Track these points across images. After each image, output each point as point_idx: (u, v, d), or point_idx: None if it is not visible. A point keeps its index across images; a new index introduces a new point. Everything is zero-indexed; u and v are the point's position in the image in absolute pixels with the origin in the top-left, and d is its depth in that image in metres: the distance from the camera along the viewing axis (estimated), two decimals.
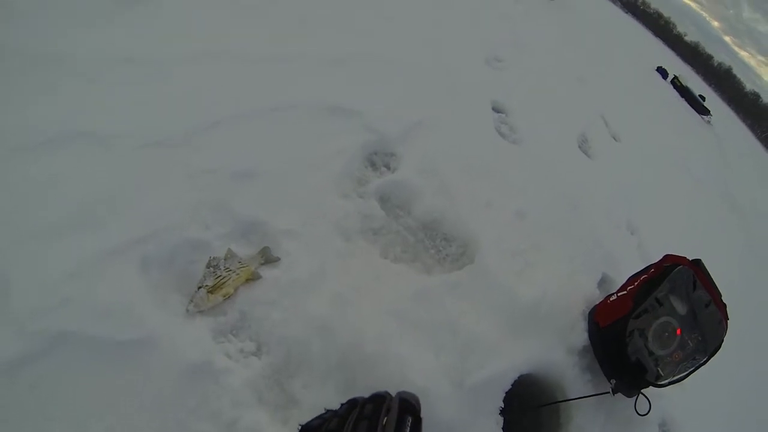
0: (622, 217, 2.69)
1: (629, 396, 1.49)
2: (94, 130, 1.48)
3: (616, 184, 3.00)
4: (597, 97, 4.54)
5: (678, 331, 1.42)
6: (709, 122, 9.79)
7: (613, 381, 1.47)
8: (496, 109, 2.79)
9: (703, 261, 1.54)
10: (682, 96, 9.83)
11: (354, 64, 2.39)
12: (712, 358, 1.45)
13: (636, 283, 1.53)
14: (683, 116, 7.77)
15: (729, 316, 1.47)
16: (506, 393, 1.38)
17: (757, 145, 25.33)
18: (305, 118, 1.90)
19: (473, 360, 1.32)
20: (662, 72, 10.49)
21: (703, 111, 9.75)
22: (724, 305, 1.48)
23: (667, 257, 1.54)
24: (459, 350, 1.33)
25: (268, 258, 1.34)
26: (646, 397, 1.49)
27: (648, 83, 8.02)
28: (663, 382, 1.43)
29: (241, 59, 2.09)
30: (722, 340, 1.45)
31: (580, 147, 3.16)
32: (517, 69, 3.60)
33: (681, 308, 1.45)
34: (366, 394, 0.66)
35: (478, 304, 1.47)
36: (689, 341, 1.44)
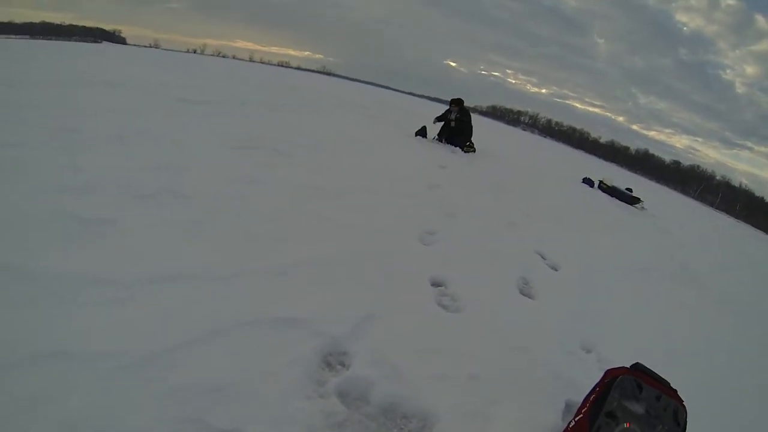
0: (575, 341, 2.92)
1: None
2: (72, 350, 1.74)
3: (562, 313, 3.27)
4: (529, 235, 4.95)
5: (627, 424, 1.57)
6: (642, 208, 10.39)
7: None
8: (435, 284, 3.15)
9: (645, 363, 1.87)
10: (612, 195, 10.67)
11: (297, 272, 2.75)
12: None
13: (587, 405, 1.71)
14: (616, 215, 8.33)
15: (683, 399, 1.70)
16: None
17: (693, 203, 27.12)
18: (261, 332, 2.16)
19: None
20: (588, 182, 11.64)
21: (633, 201, 10.42)
22: (674, 390, 1.72)
23: (607, 373, 1.77)
24: None
25: None
26: None
27: (577, 198, 8.80)
28: None
29: (195, 280, 2.41)
30: (685, 420, 1.62)
31: (521, 292, 3.49)
32: (448, 237, 4.06)
33: (637, 409, 1.61)
34: None
35: None
36: None
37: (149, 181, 3.55)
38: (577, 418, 1.72)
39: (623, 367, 1.77)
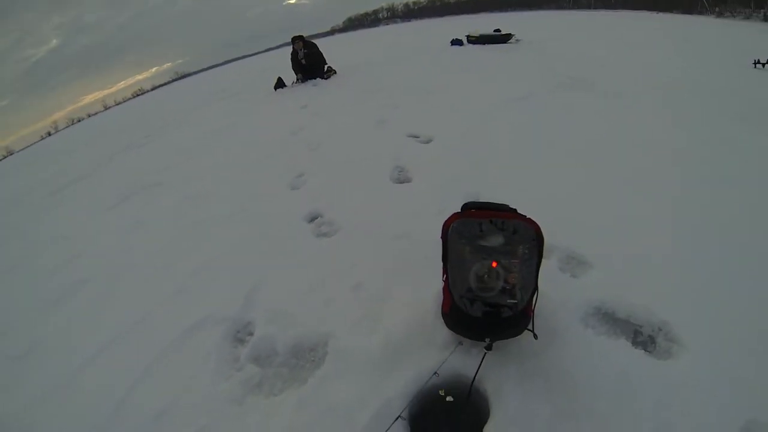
0: (457, 201, 3.06)
1: (511, 336, 1.76)
2: None
3: (441, 182, 3.50)
4: (400, 124, 5.15)
5: (494, 264, 1.61)
6: (517, 41, 10.59)
7: (487, 340, 1.66)
8: (311, 218, 3.40)
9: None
10: (484, 43, 10.77)
11: (192, 282, 2.97)
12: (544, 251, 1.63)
13: (443, 267, 1.79)
14: (488, 60, 8.50)
15: (525, 214, 1.65)
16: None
17: (568, 15, 27.59)
18: (176, 346, 2.42)
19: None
20: (457, 42, 11.77)
21: (505, 38, 10.65)
22: (513, 210, 1.65)
23: (442, 226, 1.73)
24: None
25: None
26: (532, 331, 1.76)
27: (446, 63, 8.85)
28: (522, 299, 1.64)
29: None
30: (537, 233, 1.59)
31: (397, 180, 3.77)
32: (316, 171, 4.31)
33: (491, 243, 1.61)
34: None
35: (346, 373, 1.95)
36: (518, 257, 1.61)
37: None
38: (442, 286, 1.83)
39: (453, 213, 1.72)
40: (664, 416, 1.62)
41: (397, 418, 1.61)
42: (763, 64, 6.58)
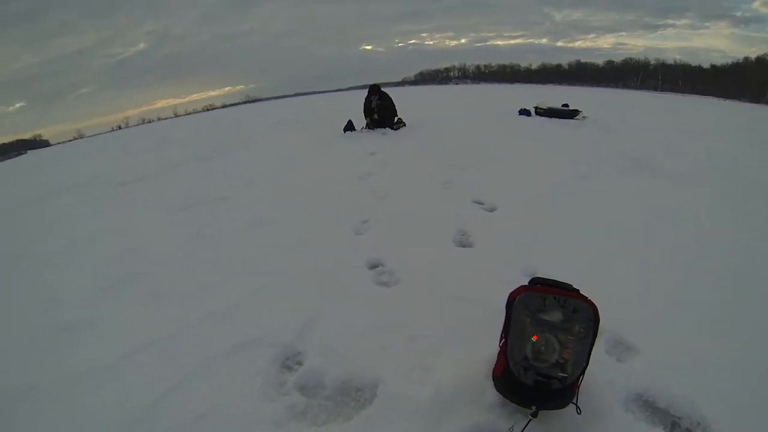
0: (515, 273, 3.10)
1: (556, 408, 1.79)
2: None
3: (502, 250, 3.52)
4: (465, 187, 5.17)
5: (534, 337, 1.71)
6: (584, 118, 10.56)
7: (533, 407, 1.72)
8: (373, 266, 3.42)
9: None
10: (551, 116, 10.86)
11: (250, 300, 3.04)
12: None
13: (502, 334, 1.88)
14: (555, 134, 8.47)
15: (586, 296, 1.73)
16: None
17: (637, 94, 27.43)
18: (225, 361, 2.45)
19: None
20: (524, 112, 11.78)
21: (572, 114, 10.63)
22: (576, 291, 1.74)
23: (509, 296, 1.82)
24: None
25: None
26: (576, 405, 1.78)
27: (513, 132, 8.96)
28: (572, 375, 1.70)
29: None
30: (594, 314, 1.68)
31: (459, 244, 3.78)
32: (380, 218, 4.35)
33: (550, 318, 1.70)
34: None
35: (393, 419, 1.97)
36: (574, 334, 1.68)
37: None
38: (498, 351, 1.89)
39: (521, 285, 1.81)
40: None
41: None
42: None
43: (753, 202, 4.76)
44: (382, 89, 10.11)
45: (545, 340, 1.71)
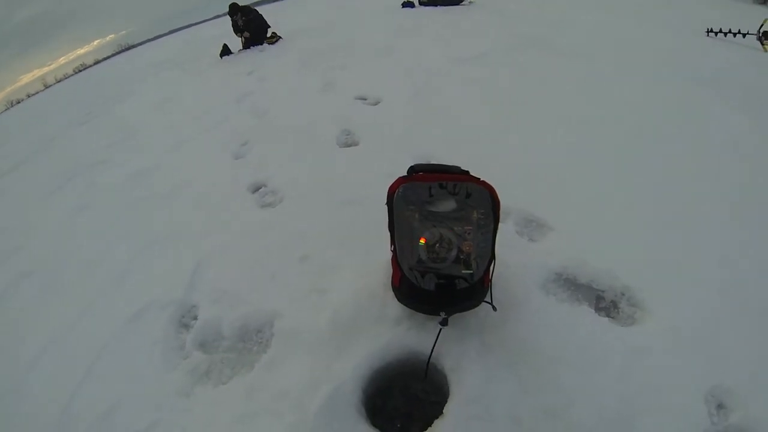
0: (406, 164, 2.95)
1: (468, 309, 1.64)
2: None
3: (390, 144, 3.38)
4: (347, 87, 4.89)
5: (422, 240, 1.50)
6: (470, 3, 10.10)
7: (442, 313, 1.53)
8: (255, 189, 3.23)
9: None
10: (436, 4, 10.18)
11: (134, 267, 2.80)
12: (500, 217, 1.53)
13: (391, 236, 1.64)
14: (441, 22, 8.00)
15: (479, 176, 1.53)
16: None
17: None
18: (120, 339, 2.27)
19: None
20: (408, 4, 10.86)
21: (457, 1, 10.10)
22: (466, 172, 1.53)
23: (388, 191, 1.58)
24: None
25: None
26: (490, 303, 1.63)
27: (396, 26, 8.27)
28: (477, 270, 1.52)
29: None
30: (492, 197, 1.48)
31: (344, 144, 3.60)
32: (261, 138, 4.10)
33: (442, 208, 1.49)
34: None
35: (294, 355, 1.83)
36: (472, 223, 1.49)
37: None
38: (391, 249, 1.65)
39: (399, 177, 1.56)
40: (628, 387, 1.55)
41: None
42: (716, 33, 6.98)
43: (634, 70, 4.67)
44: (243, 5, 9.45)
45: (439, 236, 1.49)
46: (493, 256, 1.54)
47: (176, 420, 1.77)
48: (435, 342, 1.58)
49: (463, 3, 10.33)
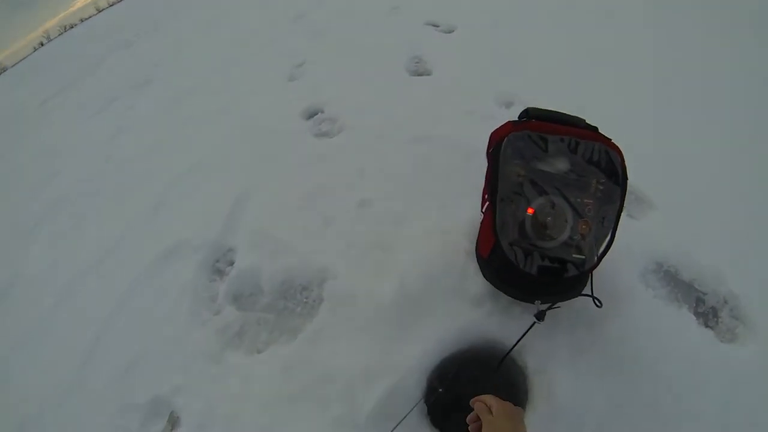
0: (488, 101, 2.48)
1: (566, 300, 1.25)
2: None
3: (468, 76, 2.80)
4: (417, 10, 4.21)
5: (529, 210, 1.14)
6: None
7: (538, 302, 1.21)
8: (311, 115, 2.80)
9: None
10: None
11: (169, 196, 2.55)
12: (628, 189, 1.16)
13: (485, 191, 1.33)
14: None
15: (609, 136, 1.19)
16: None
17: None
18: (148, 281, 2.03)
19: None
20: None
21: None
22: (594, 128, 1.21)
23: (490, 138, 1.26)
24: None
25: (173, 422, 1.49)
26: (593, 297, 1.21)
27: None
28: (591, 256, 1.15)
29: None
30: (621, 164, 1.16)
31: (415, 72, 3.05)
32: (317, 60, 3.64)
33: (553, 168, 1.15)
34: None
35: (347, 329, 1.48)
36: (591, 195, 1.15)
37: None
38: (483, 210, 1.35)
39: (507, 122, 1.22)
40: (728, 417, 1.25)
41: (414, 407, 1.14)
42: None
43: None
44: None
45: (551, 207, 1.13)
46: (611, 243, 1.17)
47: (201, 389, 1.52)
48: (523, 336, 1.20)
49: None
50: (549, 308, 1.18)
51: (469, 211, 1.49)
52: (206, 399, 1.47)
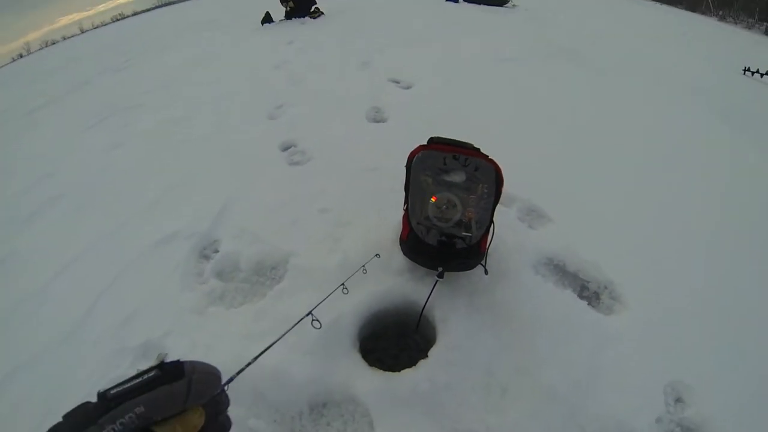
0: None
1: (463, 269, 1.88)
2: None
3: (416, 125, 3.40)
4: (384, 67, 5.08)
5: (433, 198, 1.74)
6: (513, 6, 10.11)
7: (439, 268, 1.76)
8: (285, 148, 3.47)
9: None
10: (479, 3, 10.14)
11: (166, 197, 3.08)
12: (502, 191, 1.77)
13: (406, 195, 1.88)
14: (481, 20, 7.94)
15: (488, 154, 1.74)
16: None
17: None
18: (147, 259, 2.52)
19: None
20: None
21: (501, 3, 10.12)
22: (477, 150, 1.74)
23: (408, 156, 1.82)
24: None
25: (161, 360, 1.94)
26: (483, 266, 1.88)
27: (438, 17, 8.28)
28: (477, 234, 1.75)
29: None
30: (497, 172, 1.71)
31: (373, 120, 3.85)
32: (295, 102, 4.33)
33: (454, 179, 1.73)
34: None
35: (303, 288, 2.07)
36: (476, 194, 1.72)
37: None
38: (402, 215, 1.92)
39: (419, 145, 1.79)
40: (596, 363, 1.76)
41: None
42: (753, 73, 6.73)
43: (671, 98, 4.82)
44: None
45: (446, 199, 1.73)
46: (490, 224, 1.80)
47: (188, 332, 2.00)
48: (430, 292, 1.82)
49: (506, 5, 10.42)
50: (445, 270, 1.76)
51: (398, 216, 2.03)
52: (191, 339, 1.94)
